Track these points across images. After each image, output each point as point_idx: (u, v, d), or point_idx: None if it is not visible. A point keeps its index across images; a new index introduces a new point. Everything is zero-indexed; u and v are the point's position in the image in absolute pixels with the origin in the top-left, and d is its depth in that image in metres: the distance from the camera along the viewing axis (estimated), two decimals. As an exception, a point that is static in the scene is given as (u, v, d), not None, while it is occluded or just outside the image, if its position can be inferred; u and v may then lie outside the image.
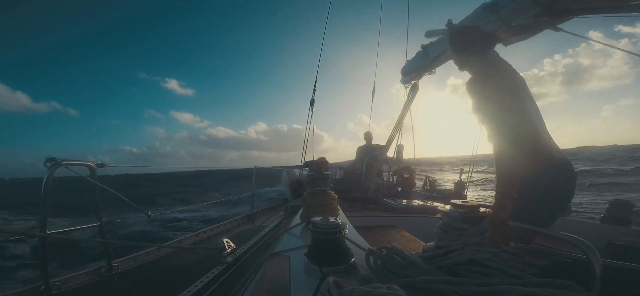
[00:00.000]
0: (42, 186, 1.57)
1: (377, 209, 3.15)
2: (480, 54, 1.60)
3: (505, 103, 1.41)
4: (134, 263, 2.23)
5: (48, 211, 1.57)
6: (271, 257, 1.19)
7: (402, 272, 0.83)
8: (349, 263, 0.93)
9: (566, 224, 2.50)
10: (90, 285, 1.87)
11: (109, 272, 1.98)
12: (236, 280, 1.80)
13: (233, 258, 1.96)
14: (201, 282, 1.65)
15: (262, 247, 2.35)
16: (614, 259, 1.20)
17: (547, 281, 0.67)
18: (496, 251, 0.85)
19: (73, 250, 4.88)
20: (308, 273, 0.94)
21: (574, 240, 0.81)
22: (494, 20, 2.33)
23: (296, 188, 4.52)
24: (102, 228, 1.95)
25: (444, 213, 0.90)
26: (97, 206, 1.94)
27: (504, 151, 1.42)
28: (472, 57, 1.63)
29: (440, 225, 0.91)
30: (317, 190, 1.66)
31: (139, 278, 2.12)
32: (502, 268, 0.79)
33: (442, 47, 2.96)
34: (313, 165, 1.77)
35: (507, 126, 1.40)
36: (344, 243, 0.98)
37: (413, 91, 3.70)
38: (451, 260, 0.83)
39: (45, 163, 1.58)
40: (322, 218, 0.99)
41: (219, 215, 7.96)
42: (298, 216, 1.80)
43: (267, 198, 6.64)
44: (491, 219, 0.89)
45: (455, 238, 0.85)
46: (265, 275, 1.03)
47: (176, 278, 2.13)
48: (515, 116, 1.40)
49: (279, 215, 4.15)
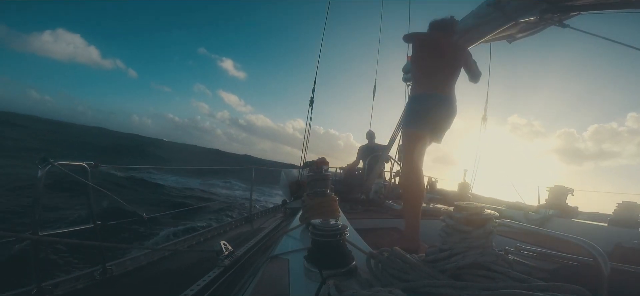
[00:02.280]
0: (34, 187, 1.57)
1: (378, 211, 3.15)
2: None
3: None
4: (129, 266, 2.23)
5: (41, 212, 1.57)
6: (270, 260, 1.19)
7: (404, 276, 0.83)
8: (350, 267, 0.93)
9: (573, 227, 2.50)
10: (84, 288, 1.87)
11: (103, 275, 1.98)
12: (234, 284, 1.80)
13: (231, 261, 1.96)
14: (198, 286, 1.65)
15: (260, 250, 2.35)
16: (622, 262, 1.20)
17: (553, 285, 0.67)
18: (501, 255, 0.84)
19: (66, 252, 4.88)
20: (308, 276, 0.94)
21: (582, 243, 0.81)
22: (498, 17, 2.32)
23: (295, 189, 4.52)
24: (96, 230, 1.94)
25: (448, 215, 0.90)
26: (91, 207, 1.94)
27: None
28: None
29: (444, 228, 0.91)
30: (317, 191, 1.66)
31: (134, 282, 2.12)
32: (508, 271, 0.79)
33: (446, 45, 2.95)
34: (313, 166, 1.77)
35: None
36: (345, 245, 0.97)
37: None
38: (454, 264, 0.83)
39: (38, 163, 1.57)
40: (322, 220, 0.99)
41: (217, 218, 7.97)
42: (297, 218, 1.80)
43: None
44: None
45: (458, 240, 0.85)
46: (263, 278, 1.03)
47: (172, 282, 2.12)
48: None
49: (277, 217, 4.15)
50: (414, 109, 2.22)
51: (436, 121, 2.19)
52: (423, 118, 2.16)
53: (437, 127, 2.23)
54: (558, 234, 1.03)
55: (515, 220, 1.97)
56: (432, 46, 2.29)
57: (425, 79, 2.25)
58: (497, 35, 2.60)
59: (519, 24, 2.28)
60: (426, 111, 2.15)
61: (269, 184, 9.05)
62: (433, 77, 2.22)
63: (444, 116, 2.21)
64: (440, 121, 2.22)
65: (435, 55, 2.25)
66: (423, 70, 2.27)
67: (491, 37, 2.68)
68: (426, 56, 2.28)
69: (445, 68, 2.24)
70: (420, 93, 2.24)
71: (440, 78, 2.22)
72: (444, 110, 2.20)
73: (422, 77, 2.27)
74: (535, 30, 2.46)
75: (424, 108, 2.16)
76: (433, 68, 2.23)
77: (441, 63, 2.23)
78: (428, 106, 2.16)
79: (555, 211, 2.77)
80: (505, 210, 3.17)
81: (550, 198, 2.93)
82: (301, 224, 1.64)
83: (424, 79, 2.26)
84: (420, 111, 2.18)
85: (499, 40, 2.87)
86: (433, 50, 2.27)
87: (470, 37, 2.73)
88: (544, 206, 2.91)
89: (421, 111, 2.17)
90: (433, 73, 2.23)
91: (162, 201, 9.61)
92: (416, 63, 2.33)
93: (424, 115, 2.16)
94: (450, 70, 2.25)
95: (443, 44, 2.28)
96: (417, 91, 2.27)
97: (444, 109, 2.20)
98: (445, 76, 2.24)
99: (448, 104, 2.20)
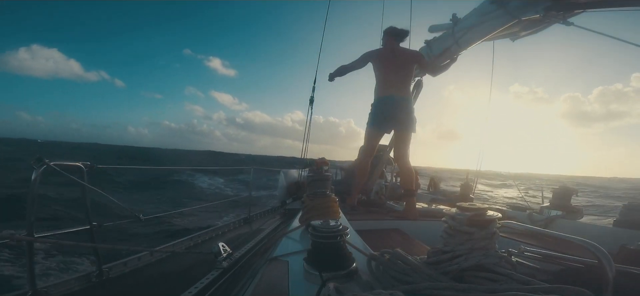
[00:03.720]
0: (29, 188, 1.57)
1: (379, 212, 3.15)
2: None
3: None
4: (125, 268, 2.23)
5: (35, 214, 1.57)
6: (269, 262, 1.19)
7: (405, 278, 0.83)
8: (350, 269, 0.93)
9: (578, 228, 2.50)
10: (80, 291, 1.87)
11: (99, 278, 1.98)
12: (232, 286, 1.80)
13: (229, 263, 1.96)
14: (195, 288, 1.65)
15: (259, 252, 2.35)
16: (627, 264, 1.20)
17: (557, 288, 0.67)
18: (505, 256, 0.84)
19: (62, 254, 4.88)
20: (307, 278, 0.94)
21: (586, 244, 0.81)
22: (501, 15, 2.33)
23: (295, 189, 4.52)
24: (92, 231, 1.94)
25: (450, 216, 0.90)
26: (87, 209, 1.94)
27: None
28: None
29: (446, 229, 0.91)
30: (317, 192, 1.66)
31: (131, 284, 2.12)
32: (511, 273, 0.79)
33: (447, 43, 2.95)
34: (312, 166, 1.77)
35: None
36: (345, 247, 0.97)
37: (417, 88, 3.70)
38: (457, 266, 0.83)
39: (33, 164, 1.57)
40: (322, 221, 0.99)
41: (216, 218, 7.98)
42: (297, 219, 1.80)
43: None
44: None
45: (461, 242, 0.85)
46: (262, 280, 1.03)
47: (169, 284, 2.12)
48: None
49: (277, 218, 4.15)
50: (372, 111, 2.90)
51: (392, 117, 2.79)
52: (378, 118, 2.83)
53: (394, 120, 2.82)
54: (562, 236, 1.03)
55: (519, 221, 1.98)
56: (385, 56, 2.83)
57: (380, 84, 2.84)
58: (500, 33, 2.60)
59: (522, 22, 2.29)
60: (381, 112, 2.81)
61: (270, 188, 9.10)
62: (388, 81, 2.79)
63: (398, 110, 2.77)
64: (396, 115, 2.78)
65: (389, 63, 2.79)
66: (379, 78, 2.84)
67: (494, 35, 2.68)
68: (381, 66, 2.82)
69: (399, 71, 2.77)
70: (377, 97, 2.86)
71: (394, 81, 2.77)
72: (398, 107, 2.77)
73: (379, 83, 2.85)
74: (538, 28, 2.46)
75: (379, 110, 2.83)
76: (388, 74, 2.79)
77: (394, 68, 2.77)
78: (382, 108, 2.81)
79: (559, 212, 2.77)
80: (508, 211, 3.17)
81: (554, 198, 2.94)
82: (301, 225, 1.64)
83: (380, 85, 2.84)
84: (376, 112, 2.85)
85: (502, 39, 2.87)
86: (386, 59, 2.82)
87: (473, 36, 2.73)
88: (547, 207, 2.91)
89: (376, 112, 2.85)
90: (388, 78, 2.79)
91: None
92: (375, 73, 2.89)
93: (379, 115, 2.82)
94: (404, 73, 2.79)
95: (395, 52, 2.81)
96: (376, 96, 2.89)
97: (398, 106, 2.77)
98: (399, 78, 2.78)
99: (402, 102, 2.77)
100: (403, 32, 2.85)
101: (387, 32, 2.87)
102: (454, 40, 2.85)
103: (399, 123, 2.80)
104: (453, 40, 2.86)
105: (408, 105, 2.80)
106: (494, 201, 16.52)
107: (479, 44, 2.84)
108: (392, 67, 2.76)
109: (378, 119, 2.82)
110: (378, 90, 2.85)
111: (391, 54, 2.79)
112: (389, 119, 2.80)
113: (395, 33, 2.83)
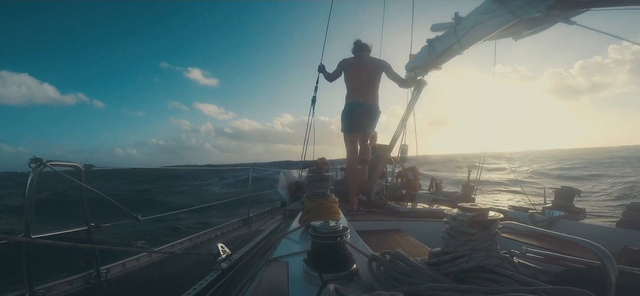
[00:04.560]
0: (27, 188, 1.57)
1: (380, 212, 3.15)
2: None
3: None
4: (123, 269, 2.23)
5: (33, 215, 1.57)
6: (268, 263, 1.19)
7: (406, 279, 0.83)
8: (351, 270, 0.93)
9: (580, 228, 2.50)
10: (78, 292, 1.87)
11: (97, 279, 1.98)
12: (231, 288, 1.80)
13: (228, 264, 1.96)
14: (194, 290, 1.65)
15: (258, 253, 2.35)
16: (631, 265, 1.20)
17: (560, 289, 0.67)
18: (507, 257, 0.84)
19: (59, 255, 4.88)
20: (307, 280, 0.94)
21: (589, 245, 0.81)
22: (503, 13, 2.32)
23: (295, 190, 4.52)
24: (90, 232, 1.95)
25: (451, 216, 0.90)
26: (85, 209, 1.94)
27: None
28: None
29: (447, 230, 0.91)
30: (317, 192, 1.66)
31: (129, 286, 2.12)
32: (513, 275, 0.79)
33: (450, 42, 2.95)
34: (313, 166, 1.77)
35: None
36: (345, 248, 0.97)
37: (418, 88, 3.70)
38: (459, 267, 0.83)
39: (30, 163, 1.57)
40: (322, 222, 0.99)
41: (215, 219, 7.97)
42: (296, 220, 1.80)
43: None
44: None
45: (463, 243, 0.85)
46: (262, 282, 1.03)
47: (168, 286, 2.12)
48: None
49: (276, 219, 4.15)
50: (343, 117, 3.30)
51: (361, 122, 3.21)
52: (350, 122, 3.23)
53: (363, 126, 3.22)
54: (564, 237, 1.03)
55: (521, 222, 1.98)
56: (354, 66, 3.24)
57: (349, 91, 3.25)
58: (502, 32, 2.60)
59: (524, 21, 2.28)
60: (351, 116, 3.20)
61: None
62: (357, 89, 3.19)
63: (367, 117, 3.21)
64: (365, 121, 3.21)
65: (357, 73, 3.21)
66: (348, 85, 3.27)
67: (496, 35, 2.68)
68: (350, 75, 3.24)
69: (366, 81, 3.18)
70: (347, 102, 3.23)
71: (362, 90, 3.18)
72: (367, 113, 3.20)
73: (348, 90, 3.26)
74: (541, 27, 2.46)
75: (349, 115, 3.22)
76: (357, 83, 3.20)
77: (361, 76, 3.19)
78: (352, 112, 3.20)
79: (562, 212, 2.77)
80: (510, 211, 3.17)
81: (557, 199, 2.94)
82: (300, 226, 1.64)
83: (349, 92, 3.25)
84: (347, 118, 3.25)
85: (505, 38, 2.87)
86: (355, 69, 3.23)
87: (475, 34, 2.73)
88: (550, 208, 2.91)
89: (347, 117, 3.24)
90: (357, 87, 3.19)
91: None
92: (346, 80, 3.30)
93: (350, 119, 3.22)
94: (370, 82, 3.20)
95: (363, 63, 3.22)
96: (347, 100, 3.25)
97: (367, 113, 3.20)
98: (367, 87, 3.18)
99: (370, 109, 3.20)
100: (366, 46, 3.33)
101: (356, 45, 3.34)
102: (457, 39, 2.85)
103: (364, 128, 3.25)
104: (455, 39, 2.86)
105: (374, 112, 3.24)
106: (497, 186, 16.53)
107: (481, 43, 2.84)
108: (359, 76, 3.20)
109: (350, 123, 3.23)
110: (348, 96, 3.28)
111: (358, 64, 3.24)
112: (358, 122, 3.21)
113: (360, 46, 3.32)
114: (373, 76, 3.21)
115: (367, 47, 3.32)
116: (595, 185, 15.81)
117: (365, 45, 3.32)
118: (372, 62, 3.28)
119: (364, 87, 3.19)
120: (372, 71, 3.22)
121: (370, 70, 3.21)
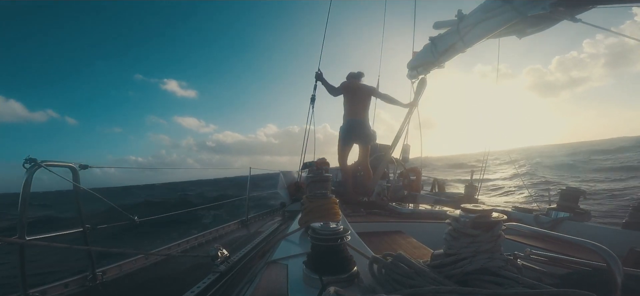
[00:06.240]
0: (21, 189, 1.57)
1: (381, 214, 3.15)
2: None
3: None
4: (120, 271, 2.23)
5: (27, 216, 1.57)
6: (267, 265, 1.19)
7: (408, 281, 0.83)
8: (351, 272, 0.93)
9: (586, 230, 2.50)
10: (73, 295, 1.87)
11: (93, 281, 1.98)
12: (230, 291, 1.80)
13: (226, 266, 1.96)
14: (192, 293, 1.65)
15: (257, 255, 2.35)
16: (636, 267, 1.20)
17: (565, 292, 0.67)
18: (510, 259, 0.84)
19: (54, 257, 4.89)
20: (307, 282, 0.94)
21: (594, 247, 0.81)
22: (507, 11, 2.32)
23: (294, 191, 4.52)
24: (85, 234, 1.95)
25: (454, 218, 0.90)
26: (80, 211, 1.94)
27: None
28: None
29: (450, 231, 0.91)
30: (317, 193, 1.66)
31: (125, 288, 2.12)
32: (517, 277, 0.79)
33: (452, 39, 2.95)
34: (312, 167, 1.77)
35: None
36: (346, 250, 0.97)
37: (421, 86, 3.71)
38: (461, 269, 0.83)
39: (24, 164, 1.57)
40: (322, 224, 0.99)
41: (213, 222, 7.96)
42: (296, 221, 1.80)
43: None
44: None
45: (465, 245, 0.85)
46: (261, 284, 1.03)
47: (165, 288, 2.13)
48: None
49: (275, 220, 4.15)
50: (342, 130, 4.17)
51: (357, 135, 4.12)
52: (346, 136, 4.13)
53: (359, 138, 4.14)
54: (569, 238, 1.03)
55: (525, 223, 1.98)
56: (349, 89, 4.10)
57: (347, 110, 4.13)
58: (506, 30, 2.60)
59: (528, 19, 2.29)
60: (351, 131, 4.10)
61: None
62: (353, 108, 4.08)
63: (360, 131, 4.11)
64: (360, 134, 4.12)
65: (352, 94, 4.10)
66: (346, 105, 4.16)
67: (500, 33, 2.68)
68: (348, 97, 4.13)
69: (359, 102, 4.09)
70: (346, 119, 4.12)
71: (356, 109, 4.07)
72: (360, 128, 4.09)
73: (346, 109, 4.15)
74: (545, 25, 2.46)
75: (348, 129, 4.10)
76: (352, 103, 4.09)
77: (356, 99, 4.09)
78: (349, 128, 4.09)
79: (567, 213, 2.77)
80: (514, 213, 3.17)
81: (561, 200, 2.93)
82: (300, 227, 1.65)
83: (346, 110, 4.14)
84: (345, 133, 4.13)
85: (508, 36, 2.87)
86: (350, 91, 4.10)
87: (479, 32, 2.73)
88: (554, 209, 2.91)
89: (345, 132, 4.12)
90: (353, 106, 4.09)
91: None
92: (344, 100, 4.19)
93: (349, 134, 4.12)
94: (362, 103, 4.11)
95: (355, 87, 4.11)
96: (345, 117, 4.15)
97: (360, 128, 4.09)
98: (359, 107, 4.09)
99: (362, 125, 4.10)
100: (359, 74, 4.21)
101: (350, 75, 4.22)
102: (459, 37, 2.85)
103: (361, 139, 4.15)
104: (458, 37, 2.86)
105: (366, 125, 4.15)
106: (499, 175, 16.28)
107: (485, 41, 2.84)
108: (354, 99, 4.10)
109: (346, 136, 4.13)
110: (346, 114, 4.14)
111: (354, 89, 4.12)
112: (354, 136, 4.13)
113: (354, 75, 4.20)
114: (366, 98, 4.13)
115: (360, 75, 4.20)
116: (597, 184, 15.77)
117: (358, 73, 4.20)
118: (365, 87, 4.17)
119: (360, 107, 4.08)
120: (365, 95, 4.13)
121: (363, 94, 4.12)
